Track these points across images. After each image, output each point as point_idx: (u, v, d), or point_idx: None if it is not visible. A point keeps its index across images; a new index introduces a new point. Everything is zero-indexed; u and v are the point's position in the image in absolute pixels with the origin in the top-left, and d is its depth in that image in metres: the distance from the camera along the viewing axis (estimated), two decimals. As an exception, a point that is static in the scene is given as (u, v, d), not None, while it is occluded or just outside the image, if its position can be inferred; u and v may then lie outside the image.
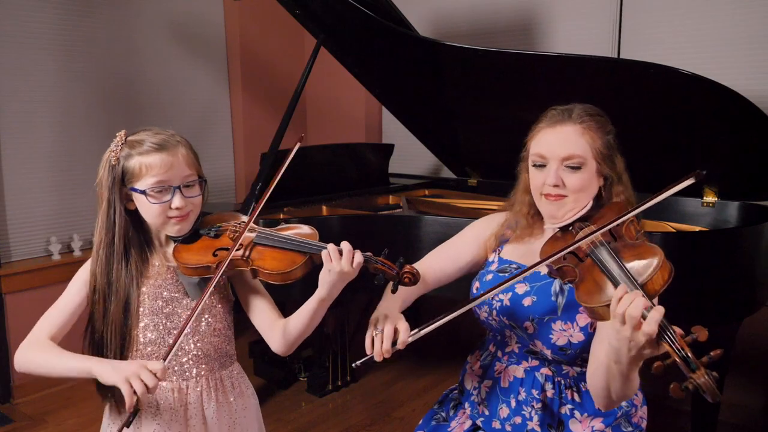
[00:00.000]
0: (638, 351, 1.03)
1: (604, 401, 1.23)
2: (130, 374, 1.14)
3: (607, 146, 1.36)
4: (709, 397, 0.95)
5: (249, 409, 1.47)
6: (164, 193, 1.30)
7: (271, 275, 1.29)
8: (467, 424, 1.51)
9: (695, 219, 2.41)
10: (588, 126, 1.35)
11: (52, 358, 1.28)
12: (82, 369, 1.23)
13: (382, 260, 1.26)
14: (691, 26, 2.80)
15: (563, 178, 1.33)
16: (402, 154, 3.63)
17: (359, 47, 2.92)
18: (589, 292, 1.12)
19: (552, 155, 1.35)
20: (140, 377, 1.14)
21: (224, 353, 1.43)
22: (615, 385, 1.16)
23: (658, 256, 1.09)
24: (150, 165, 1.29)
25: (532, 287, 1.39)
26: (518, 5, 3.34)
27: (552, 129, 1.37)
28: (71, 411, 2.93)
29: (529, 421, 1.39)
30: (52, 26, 3.14)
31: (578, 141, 1.33)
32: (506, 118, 2.65)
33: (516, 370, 1.44)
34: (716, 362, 0.94)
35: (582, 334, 1.32)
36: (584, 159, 1.33)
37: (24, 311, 3.06)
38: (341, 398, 3.09)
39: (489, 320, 1.46)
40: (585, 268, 1.18)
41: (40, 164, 3.15)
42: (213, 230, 1.39)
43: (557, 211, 1.35)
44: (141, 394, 1.13)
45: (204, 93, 3.86)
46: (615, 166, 1.37)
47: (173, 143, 1.32)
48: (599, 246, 1.18)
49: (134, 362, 1.20)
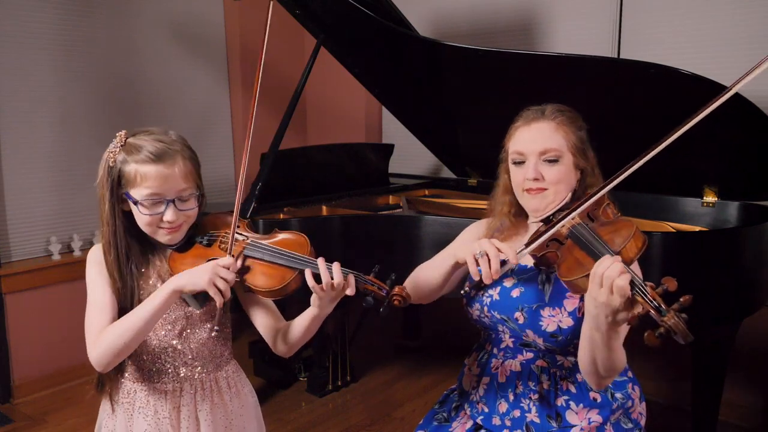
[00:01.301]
0: (614, 315, 1.09)
1: (594, 377, 1.27)
2: (212, 275, 1.21)
3: (581, 140, 1.43)
4: (680, 338, 1.00)
5: (246, 407, 1.47)
6: (157, 206, 1.27)
7: (262, 292, 1.29)
8: (468, 424, 1.52)
9: (695, 219, 2.41)
10: (561, 121, 1.42)
11: (126, 321, 1.24)
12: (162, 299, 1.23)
13: (372, 279, 1.24)
14: (691, 26, 2.80)
15: (542, 172, 1.40)
16: (402, 154, 3.63)
17: (359, 47, 2.92)
18: (569, 268, 1.20)
19: (529, 151, 1.41)
20: (220, 275, 1.22)
21: (219, 354, 1.43)
22: (600, 356, 1.20)
23: (633, 227, 1.18)
24: (145, 175, 1.26)
25: (519, 280, 1.44)
26: (518, 5, 3.34)
27: (528, 127, 1.44)
28: (71, 411, 2.94)
29: (528, 413, 1.42)
30: (52, 26, 3.14)
31: (553, 135, 1.41)
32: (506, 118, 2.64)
33: (512, 364, 1.46)
34: (686, 307, 1.00)
35: (571, 318, 1.36)
36: (560, 152, 1.40)
37: (24, 311, 3.06)
38: (341, 398, 3.09)
39: (482, 317, 1.49)
40: (566, 249, 1.26)
41: (40, 164, 3.15)
42: (206, 238, 1.37)
43: (540, 203, 1.41)
44: (224, 290, 1.22)
45: (204, 93, 3.86)
46: (587, 159, 1.44)
47: (171, 153, 1.27)
48: (577, 227, 1.26)
49: (206, 265, 1.24)
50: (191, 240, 1.37)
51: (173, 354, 1.36)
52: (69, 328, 3.11)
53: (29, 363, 3.12)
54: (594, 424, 1.39)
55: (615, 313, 1.08)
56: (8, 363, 3.05)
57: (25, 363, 3.11)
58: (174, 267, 1.32)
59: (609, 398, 1.42)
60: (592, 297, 1.11)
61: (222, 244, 1.35)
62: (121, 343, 1.23)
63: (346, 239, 2.43)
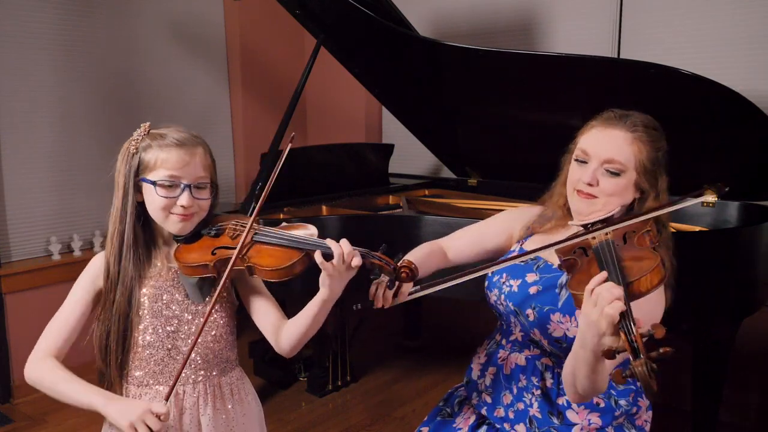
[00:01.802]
0: (599, 339, 1.06)
1: (571, 390, 1.25)
2: (135, 419, 1.18)
3: (654, 161, 1.36)
4: (642, 387, 0.97)
5: (249, 415, 1.45)
6: (174, 189, 1.30)
7: (267, 272, 1.28)
8: (472, 419, 1.53)
9: (695, 219, 2.41)
10: (639, 137, 1.35)
11: (61, 383, 1.29)
12: (88, 404, 1.25)
13: (380, 255, 1.25)
14: (691, 26, 2.80)
15: (599, 180, 1.34)
16: (402, 154, 3.63)
17: (359, 47, 2.92)
18: (579, 281, 1.17)
19: (595, 155, 1.36)
20: (145, 422, 1.18)
21: (225, 359, 1.42)
22: (580, 373, 1.17)
23: (656, 261, 1.12)
24: (166, 159, 1.29)
25: (541, 278, 1.43)
26: (518, 5, 3.34)
27: (603, 129, 1.38)
28: (71, 411, 2.92)
29: (530, 407, 1.42)
30: (52, 26, 3.14)
31: (624, 148, 1.34)
32: (506, 118, 2.65)
33: (518, 358, 1.47)
34: (664, 359, 0.96)
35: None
36: (625, 167, 1.34)
37: (24, 311, 3.06)
38: (341, 398, 3.09)
39: (497, 304, 1.49)
40: (586, 262, 1.22)
41: (40, 164, 3.15)
42: (213, 229, 1.38)
43: (586, 208, 1.37)
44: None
45: (204, 93, 3.86)
46: (656, 183, 1.37)
47: (193, 143, 1.33)
48: (604, 244, 1.21)
49: (139, 405, 1.22)
50: (198, 233, 1.37)
51: (177, 357, 1.35)
52: (69, 328, 3.10)
53: (29, 363, 3.11)
54: (594, 426, 1.39)
55: (601, 336, 1.06)
56: (8, 363, 3.06)
57: (25, 363, 3.10)
58: (181, 258, 1.32)
59: (612, 405, 1.41)
60: (584, 313, 1.09)
61: (231, 232, 1.36)
62: (43, 390, 1.31)
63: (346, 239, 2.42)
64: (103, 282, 1.34)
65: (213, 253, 1.32)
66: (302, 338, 1.35)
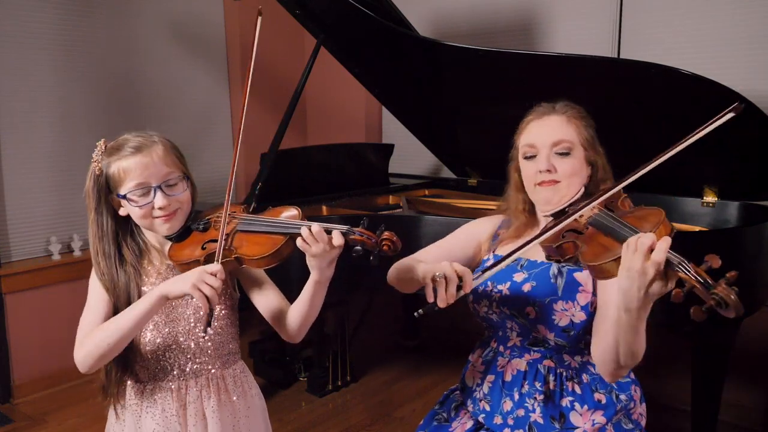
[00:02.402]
0: (648, 287, 1.04)
1: (612, 366, 1.24)
2: (196, 281, 1.20)
3: (591, 136, 1.44)
4: (732, 311, 0.95)
5: (253, 409, 1.46)
6: (145, 195, 1.30)
7: (254, 261, 1.28)
8: (469, 424, 1.51)
9: (695, 219, 2.41)
10: (572, 115, 1.43)
11: (112, 324, 1.26)
12: (148, 304, 1.24)
13: (360, 230, 1.22)
14: (691, 26, 2.80)
15: (554, 164, 1.39)
16: (402, 154, 3.63)
17: (359, 47, 2.92)
18: (595, 253, 1.15)
19: (542, 143, 1.41)
20: (205, 281, 1.20)
21: (227, 351, 1.43)
22: (624, 340, 1.16)
23: (661, 214, 1.15)
24: (127, 169, 1.30)
25: (531, 273, 1.43)
26: (518, 5, 3.34)
27: (539, 120, 1.45)
28: (71, 411, 2.94)
29: (532, 413, 1.41)
30: (52, 26, 3.14)
31: (565, 128, 1.41)
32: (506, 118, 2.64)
33: (519, 364, 1.46)
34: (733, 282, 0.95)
35: (583, 313, 1.35)
36: (572, 144, 1.40)
37: (24, 311, 3.06)
38: (341, 398, 3.09)
39: (489, 314, 1.47)
40: (587, 237, 1.21)
41: (40, 164, 3.15)
42: (201, 224, 1.38)
43: (553, 195, 1.39)
44: (211, 296, 1.19)
45: (204, 93, 3.87)
46: (600, 155, 1.44)
47: (149, 144, 1.32)
48: (600, 215, 1.23)
49: (193, 270, 1.23)
50: (188, 229, 1.38)
51: (178, 350, 1.36)
52: (69, 328, 3.05)
53: (29, 363, 3.12)
54: (597, 426, 1.39)
55: (650, 284, 1.03)
56: (8, 363, 3.06)
57: (25, 363, 3.11)
58: (174, 257, 1.33)
59: (614, 399, 1.41)
60: (625, 268, 1.06)
61: (216, 224, 1.36)
62: (105, 345, 1.25)
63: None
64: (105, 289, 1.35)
65: (203, 247, 1.33)
66: (304, 322, 1.35)
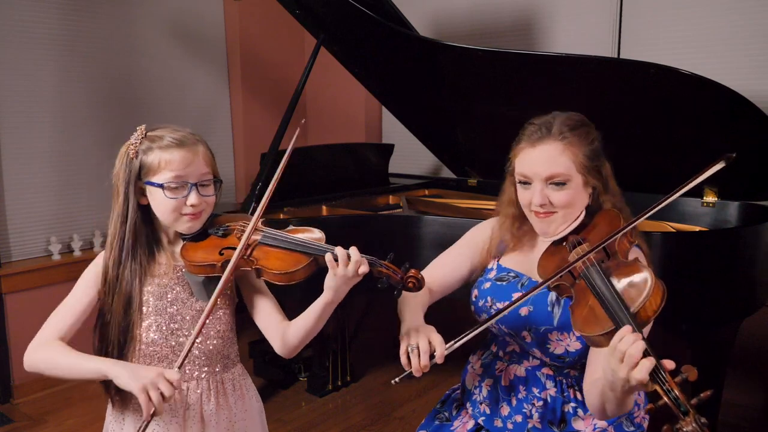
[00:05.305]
0: (630, 387, 1.04)
1: (600, 415, 1.24)
2: (148, 383, 1.14)
3: (591, 157, 1.34)
4: None
5: (250, 412, 1.46)
6: (181, 189, 1.30)
7: (274, 275, 1.29)
8: (470, 424, 1.51)
9: (695, 219, 2.41)
10: (569, 142, 1.32)
11: (62, 357, 1.27)
12: (94, 370, 1.23)
13: (387, 264, 1.26)
14: (691, 26, 2.80)
15: (549, 197, 1.32)
16: (402, 154, 3.63)
17: (359, 47, 2.92)
18: (585, 320, 1.13)
19: (535, 175, 1.33)
20: (158, 386, 1.14)
21: (226, 355, 1.43)
22: (610, 407, 1.16)
23: (650, 281, 1.09)
24: (169, 160, 1.29)
25: (529, 297, 1.39)
26: (518, 5, 3.34)
27: (533, 148, 1.34)
28: (71, 411, 2.93)
29: (530, 419, 1.41)
30: (52, 26, 3.14)
31: (559, 159, 1.32)
32: (506, 118, 2.64)
33: (517, 369, 1.45)
34: (705, 402, 0.95)
35: (579, 343, 1.34)
36: (568, 176, 1.32)
37: (24, 311, 3.06)
38: (341, 398, 3.09)
39: (489, 327, 1.46)
40: (579, 290, 1.19)
41: (40, 164, 3.15)
42: (221, 229, 1.39)
43: (548, 227, 1.36)
44: (157, 404, 1.13)
45: (204, 93, 3.87)
46: (601, 176, 1.36)
47: (192, 141, 1.33)
48: (591, 267, 1.18)
49: (152, 370, 1.18)
50: (205, 232, 1.38)
51: (179, 354, 1.35)
52: (69, 328, 3.11)
53: (29, 363, 3.11)
54: (598, 430, 1.38)
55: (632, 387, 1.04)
56: (8, 363, 3.05)
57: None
58: (188, 257, 1.33)
59: None
60: (611, 368, 1.05)
61: (239, 233, 1.36)
62: (50, 371, 1.29)
63: (346, 240, 2.42)
64: (101, 285, 1.35)
65: (221, 253, 1.33)
66: (304, 339, 1.35)
